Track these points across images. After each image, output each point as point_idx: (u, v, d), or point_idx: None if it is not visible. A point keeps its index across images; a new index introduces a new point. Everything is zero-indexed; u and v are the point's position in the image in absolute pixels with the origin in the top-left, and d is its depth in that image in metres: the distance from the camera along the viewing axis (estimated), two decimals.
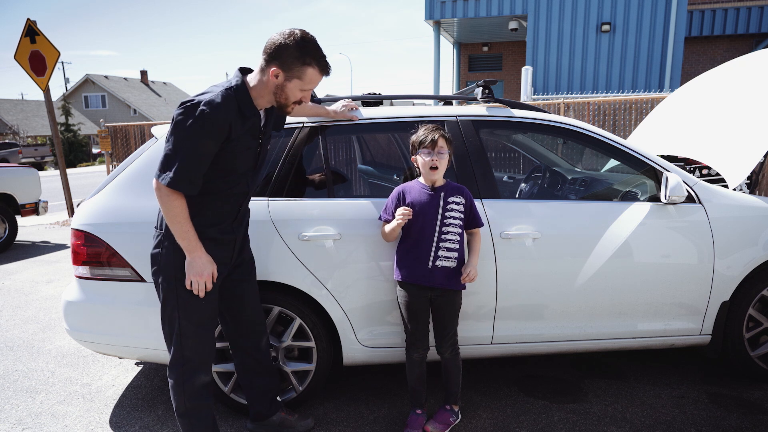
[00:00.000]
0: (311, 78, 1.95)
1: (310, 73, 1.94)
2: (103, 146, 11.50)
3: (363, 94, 3.01)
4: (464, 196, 2.36)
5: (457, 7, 13.27)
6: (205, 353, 2.14)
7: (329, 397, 2.87)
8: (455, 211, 2.33)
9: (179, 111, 1.89)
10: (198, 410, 2.15)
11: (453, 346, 2.43)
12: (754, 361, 2.81)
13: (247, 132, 2.02)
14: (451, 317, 2.39)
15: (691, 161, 4.23)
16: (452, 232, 2.32)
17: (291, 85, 1.95)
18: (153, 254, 2.07)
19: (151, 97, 47.90)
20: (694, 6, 14.24)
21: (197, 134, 1.87)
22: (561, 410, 2.68)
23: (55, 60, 8.32)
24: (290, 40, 1.89)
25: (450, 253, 2.32)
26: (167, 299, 2.06)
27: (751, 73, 3.57)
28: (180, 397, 2.12)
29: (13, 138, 33.95)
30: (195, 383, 2.12)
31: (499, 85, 16.85)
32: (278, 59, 1.91)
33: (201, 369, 2.13)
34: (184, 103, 1.91)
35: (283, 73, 1.93)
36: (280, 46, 1.90)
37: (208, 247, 2.05)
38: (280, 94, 1.99)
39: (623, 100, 8.67)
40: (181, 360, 2.09)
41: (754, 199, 2.77)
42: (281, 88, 1.97)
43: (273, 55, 1.91)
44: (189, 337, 2.07)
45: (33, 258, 6.42)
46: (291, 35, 1.89)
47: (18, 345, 3.73)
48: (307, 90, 1.99)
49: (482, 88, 2.89)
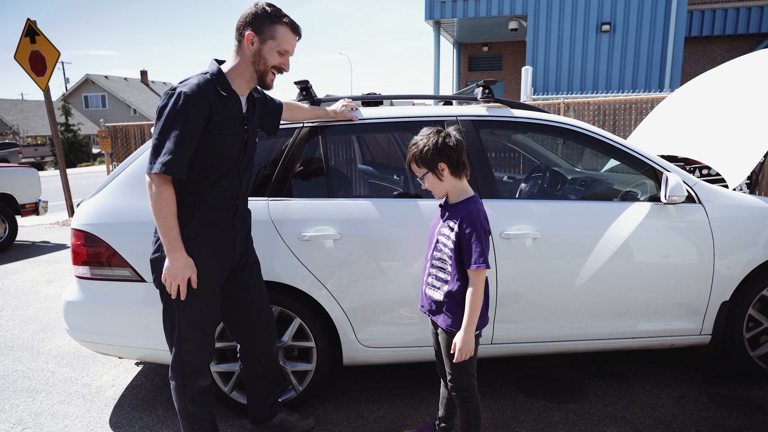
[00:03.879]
0: (283, 36, 2.02)
1: (281, 31, 2.02)
2: (103, 146, 11.50)
3: (363, 94, 3.00)
4: (459, 224, 1.94)
5: (457, 7, 13.28)
6: (205, 357, 2.15)
7: (329, 397, 2.87)
8: (445, 237, 2.00)
9: (161, 100, 1.96)
10: (198, 414, 2.16)
11: (458, 392, 2.07)
12: (754, 361, 2.81)
13: (228, 116, 2.03)
14: (447, 358, 2.05)
15: (691, 161, 4.24)
16: (440, 259, 2.02)
17: (266, 47, 2.02)
18: (152, 259, 2.06)
19: (151, 97, 47.88)
20: (694, 6, 14.24)
21: (179, 116, 1.91)
22: (561, 410, 2.68)
23: (55, 60, 8.32)
24: (257, 8, 2.01)
25: (437, 282, 2.04)
26: (168, 303, 2.06)
27: (751, 73, 3.57)
28: (182, 400, 2.13)
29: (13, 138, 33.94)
30: (195, 387, 2.13)
31: (499, 85, 16.85)
32: (250, 25, 2.00)
33: (201, 372, 2.14)
34: (165, 93, 1.97)
35: (257, 37, 2.00)
36: (249, 15, 2.01)
37: (208, 247, 2.05)
38: (258, 62, 2.03)
39: (623, 100, 8.67)
40: (180, 363, 2.10)
41: (754, 199, 2.77)
42: (258, 54, 2.02)
43: (245, 24, 2.01)
44: (189, 340, 2.08)
45: (33, 258, 6.42)
46: (256, 4, 2.02)
47: (18, 345, 3.73)
48: (283, 51, 2.04)
49: (482, 88, 2.89)
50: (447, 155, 1.95)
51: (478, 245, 1.89)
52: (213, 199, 2.06)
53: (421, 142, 1.98)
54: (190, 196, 2.02)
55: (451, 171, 1.98)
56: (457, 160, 1.97)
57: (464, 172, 2.01)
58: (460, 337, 1.93)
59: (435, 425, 2.40)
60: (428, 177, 2.00)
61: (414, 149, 2.00)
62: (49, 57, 8.29)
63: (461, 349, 1.93)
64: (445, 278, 2.00)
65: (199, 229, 2.02)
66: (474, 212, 1.93)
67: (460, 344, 1.93)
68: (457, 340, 1.94)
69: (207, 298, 2.08)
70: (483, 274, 1.92)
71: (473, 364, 2.05)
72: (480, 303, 1.93)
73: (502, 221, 2.57)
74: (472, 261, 1.89)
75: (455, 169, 1.98)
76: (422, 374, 3.09)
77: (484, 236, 1.91)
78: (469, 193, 2.02)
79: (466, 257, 1.91)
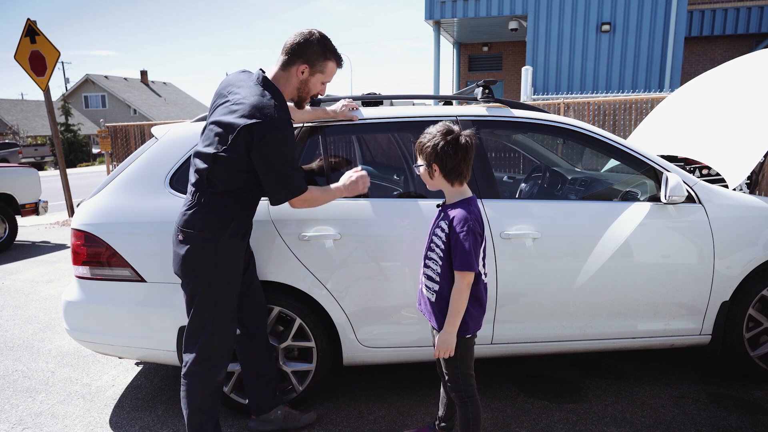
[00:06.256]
0: (331, 71, 2.19)
1: (330, 67, 2.18)
2: (103, 146, 11.50)
3: (363, 94, 3.01)
4: (449, 224, 1.92)
5: (457, 7, 13.27)
6: (229, 348, 2.22)
7: (329, 397, 2.87)
8: (437, 237, 1.98)
9: (258, 134, 1.96)
10: (210, 406, 2.20)
11: (456, 392, 2.07)
12: (754, 361, 2.81)
13: None
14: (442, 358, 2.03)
15: (691, 161, 4.24)
16: (433, 259, 2.00)
17: (314, 79, 2.17)
18: (186, 256, 2.09)
19: (151, 97, 47.89)
20: (694, 6, 14.23)
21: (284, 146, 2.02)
22: (561, 410, 2.68)
23: (55, 60, 8.31)
24: (313, 39, 2.11)
25: (430, 282, 2.02)
26: (205, 297, 2.11)
27: (751, 73, 3.57)
28: (196, 393, 2.16)
29: (13, 138, 33.93)
30: (215, 379, 2.19)
31: (499, 85, 16.85)
32: (303, 56, 2.12)
33: (222, 365, 2.21)
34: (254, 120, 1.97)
35: (308, 69, 2.14)
36: (304, 44, 2.11)
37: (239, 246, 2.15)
38: (303, 89, 2.19)
39: (623, 100, 8.67)
40: (207, 355, 2.15)
41: (754, 199, 2.77)
42: (305, 83, 2.17)
43: (298, 53, 2.11)
44: (219, 331, 2.16)
45: (33, 258, 6.42)
46: (311, 34, 2.12)
47: (18, 345, 3.73)
48: (325, 83, 2.21)
49: (482, 88, 2.89)
50: (442, 160, 1.94)
51: (464, 247, 1.87)
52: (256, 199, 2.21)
53: (428, 136, 1.98)
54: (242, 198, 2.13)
55: (443, 175, 1.97)
56: (452, 168, 1.94)
57: (458, 180, 1.98)
58: (440, 336, 1.95)
59: (435, 425, 2.40)
60: (421, 169, 2.01)
61: (421, 138, 2.00)
62: (49, 57, 8.28)
63: (438, 348, 1.95)
64: (437, 279, 1.99)
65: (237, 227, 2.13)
66: (465, 214, 1.91)
67: (438, 343, 1.95)
68: (438, 338, 1.96)
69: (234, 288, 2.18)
70: (468, 277, 1.90)
71: (470, 365, 2.05)
72: (462, 305, 1.92)
73: (502, 221, 2.57)
74: (458, 263, 1.88)
75: (447, 175, 1.97)
76: (422, 374, 3.09)
77: (472, 239, 1.88)
78: (466, 194, 2.00)
79: (453, 259, 1.90)
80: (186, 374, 2.16)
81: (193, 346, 2.15)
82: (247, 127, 1.96)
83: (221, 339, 2.17)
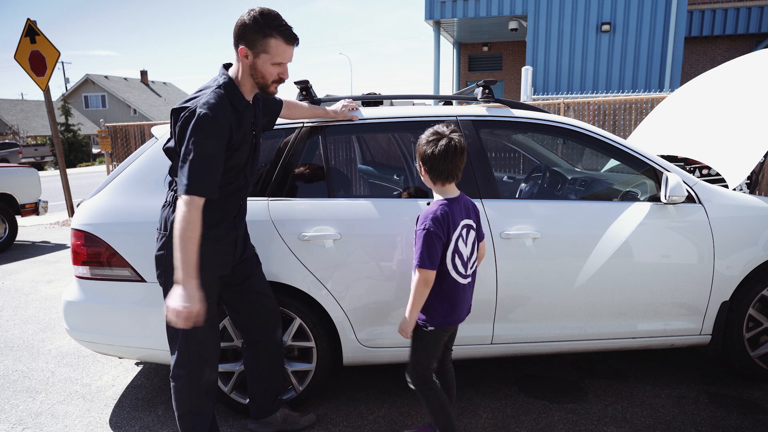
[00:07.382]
0: (275, 49, 1.96)
1: (273, 44, 1.95)
2: (103, 146, 11.49)
3: (363, 94, 3.01)
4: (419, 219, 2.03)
5: (457, 7, 13.27)
6: (211, 350, 2.15)
7: (329, 397, 2.87)
8: None
9: (180, 122, 1.92)
10: (201, 407, 2.16)
11: (410, 379, 2.19)
12: (754, 361, 2.81)
13: (244, 130, 2.05)
14: None
15: (691, 161, 4.24)
16: None
17: (260, 61, 1.97)
18: (158, 256, 2.08)
19: (151, 97, 47.90)
20: (694, 6, 14.23)
21: (202, 139, 1.88)
22: (561, 410, 2.68)
23: (55, 60, 8.31)
24: (249, 18, 1.93)
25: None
26: None
27: (751, 73, 3.57)
28: (184, 395, 2.13)
29: (13, 138, 33.94)
30: (202, 380, 2.13)
31: (499, 85, 16.85)
32: (243, 39, 1.95)
33: (207, 365, 2.14)
34: (180, 111, 1.93)
35: (250, 51, 1.96)
36: (241, 26, 1.94)
37: (210, 247, 2.05)
38: (255, 74, 2.00)
39: (623, 100, 8.66)
40: (187, 358, 2.10)
41: (754, 199, 2.77)
42: (254, 67, 1.98)
43: (238, 37, 1.96)
44: (194, 336, 2.08)
45: (33, 258, 6.42)
46: (249, 12, 1.94)
47: (18, 345, 3.73)
48: (278, 63, 1.99)
49: (482, 88, 2.89)
50: (428, 161, 2.03)
51: (418, 245, 1.98)
52: (223, 200, 2.08)
53: (424, 137, 2.06)
54: None
55: (428, 174, 2.07)
56: (432, 167, 2.03)
57: (440, 180, 2.05)
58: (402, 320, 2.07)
59: (434, 425, 2.40)
60: (418, 167, 2.12)
61: (420, 137, 2.09)
62: (49, 57, 8.28)
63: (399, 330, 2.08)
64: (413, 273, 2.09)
65: (204, 228, 2.02)
66: (427, 214, 2.00)
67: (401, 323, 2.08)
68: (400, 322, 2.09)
69: (212, 292, 2.10)
70: (423, 274, 1.97)
71: (429, 358, 2.15)
72: (417, 300, 2.01)
73: (502, 221, 2.57)
74: (415, 260, 1.98)
75: (430, 173, 2.06)
76: None
77: (425, 239, 1.96)
78: (448, 194, 2.06)
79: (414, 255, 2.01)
80: (171, 377, 2.15)
81: (174, 350, 2.12)
82: (174, 110, 1.96)
83: (198, 343, 2.09)
